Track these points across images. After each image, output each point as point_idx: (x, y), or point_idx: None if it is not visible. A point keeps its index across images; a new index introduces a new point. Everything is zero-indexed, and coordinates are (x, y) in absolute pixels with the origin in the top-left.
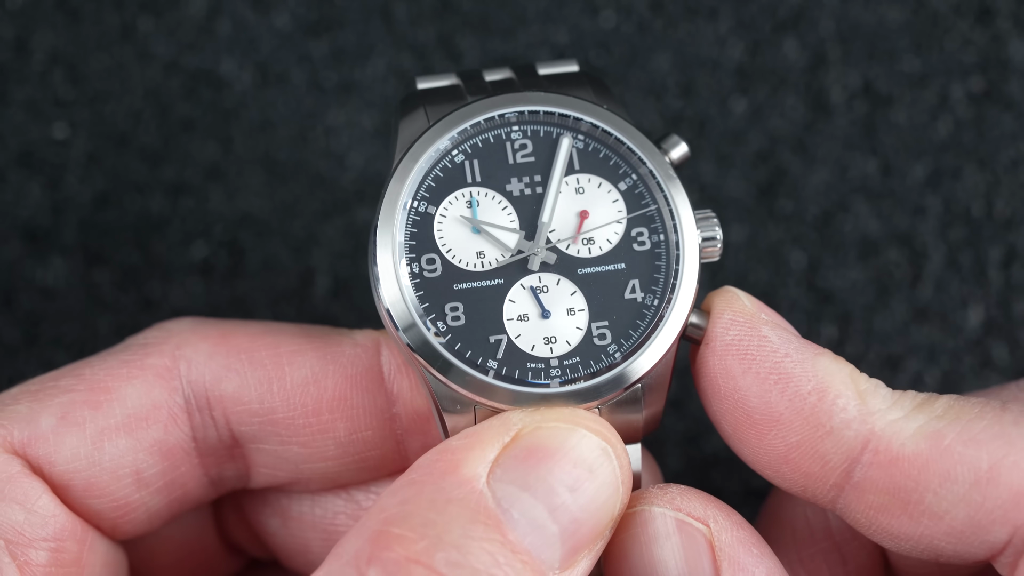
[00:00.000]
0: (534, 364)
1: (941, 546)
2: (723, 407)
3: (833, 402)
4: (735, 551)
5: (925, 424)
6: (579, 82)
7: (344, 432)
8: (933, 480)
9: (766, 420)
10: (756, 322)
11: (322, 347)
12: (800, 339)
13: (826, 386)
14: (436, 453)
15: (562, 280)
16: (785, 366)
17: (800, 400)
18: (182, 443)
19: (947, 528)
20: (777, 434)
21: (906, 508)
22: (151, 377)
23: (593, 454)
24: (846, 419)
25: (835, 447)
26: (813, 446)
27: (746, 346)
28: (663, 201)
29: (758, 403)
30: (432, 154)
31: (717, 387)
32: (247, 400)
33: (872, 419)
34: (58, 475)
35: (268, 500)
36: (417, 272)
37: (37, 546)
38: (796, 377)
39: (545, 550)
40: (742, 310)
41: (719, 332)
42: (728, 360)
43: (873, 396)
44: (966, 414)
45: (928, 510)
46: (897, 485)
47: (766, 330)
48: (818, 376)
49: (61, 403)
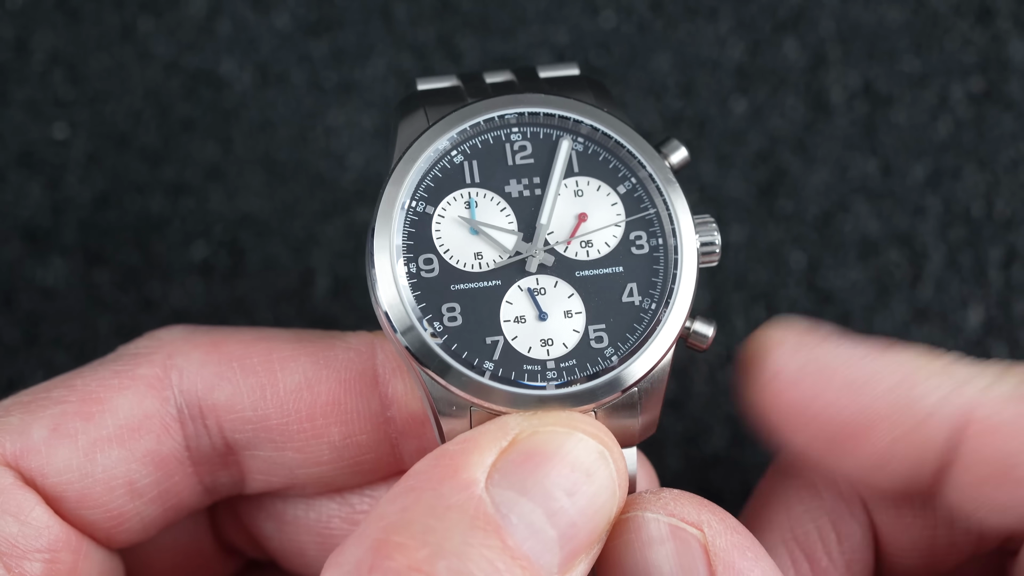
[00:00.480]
0: (531, 366)
1: None
2: (813, 431)
3: (924, 384)
4: (730, 555)
5: (1015, 387)
6: (579, 85)
7: (338, 437)
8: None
9: (864, 426)
10: (818, 339)
11: (315, 352)
12: (865, 340)
13: (912, 372)
14: (433, 459)
15: (560, 282)
16: (865, 368)
17: (891, 394)
18: (175, 452)
19: None
20: (879, 434)
21: (1009, 475)
22: (143, 387)
23: (590, 458)
24: (941, 397)
25: (937, 427)
26: (916, 434)
27: (820, 365)
28: (662, 205)
29: (853, 412)
30: (431, 154)
31: (803, 413)
32: (240, 408)
33: (965, 391)
34: (51, 487)
35: (263, 504)
36: (415, 272)
37: (32, 558)
38: (879, 374)
39: (544, 555)
40: (796, 335)
41: (785, 363)
42: (807, 384)
43: (957, 367)
44: None
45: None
46: (1000, 452)
47: (831, 343)
48: (901, 365)
49: (53, 414)
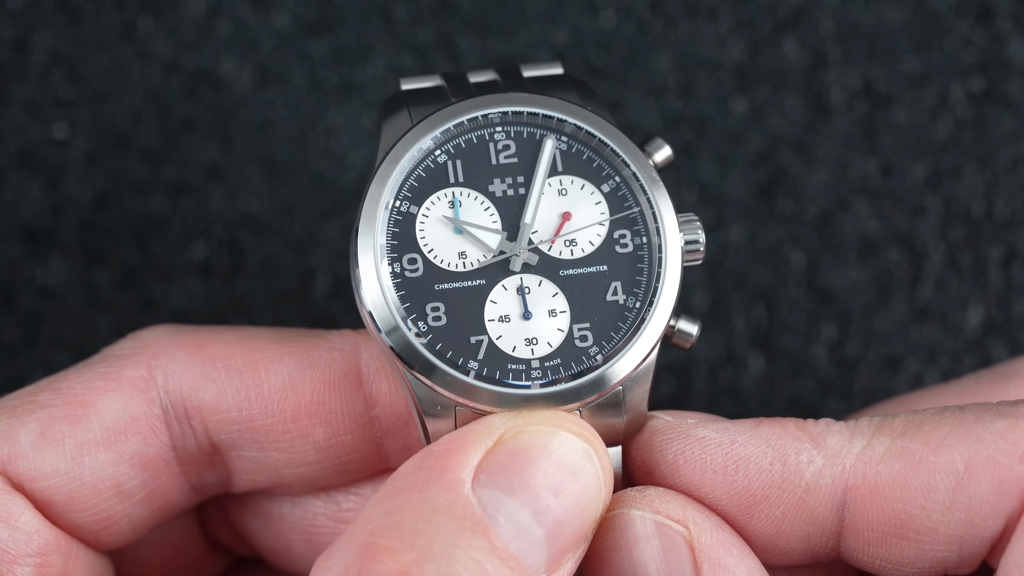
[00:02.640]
0: (515, 365)
1: (947, 557)
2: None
3: (796, 460)
4: (715, 552)
5: (891, 445)
6: (563, 84)
7: (323, 437)
8: (917, 496)
9: (745, 508)
10: (686, 429)
11: (299, 352)
12: (734, 421)
13: (783, 449)
14: (419, 460)
15: (544, 281)
16: (736, 451)
17: (766, 474)
18: (162, 453)
19: (945, 539)
20: (761, 515)
21: (902, 533)
22: (128, 389)
23: (575, 456)
24: (816, 470)
25: (818, 501)
26: (799, 509)
27: (692, 455)
28: (646, 204)
29: (730, 496)
30: (415, 154)
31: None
32: (225, 408)
33: (840, 458)
34: (39, 491)
35: (249, 503)
36: (399, 272)
37: (22, 562)
38: (752, 456)
39: (531, 554)
40: (667, 428)
41: (658, 458)
42: (682, 476)
43: (829, 436)
44: (926, 424)
45: (922, 527)
46: (886, 513)
47: (700, 431)
48: (770, 444)
49: (39, 419)
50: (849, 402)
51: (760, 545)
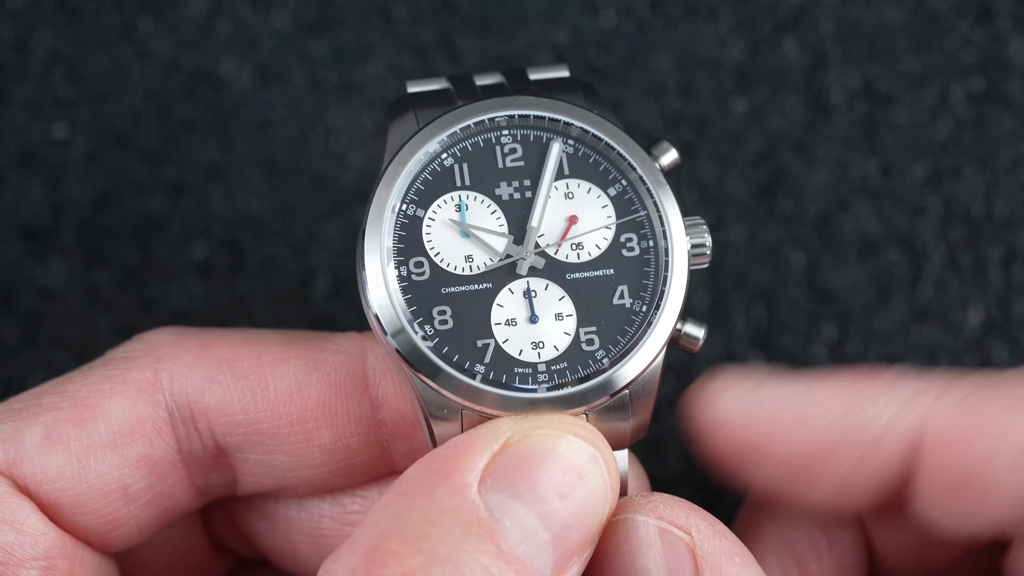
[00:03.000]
0: (521, 369)
1: (1006, 517)
2: (768, 472)
3: (868, 411)
4: (717, 560)
5: (964, 399)
6: (569, 87)
7: (329, 440)
8: (986, 452)
9: (817, 460)
10: (752, 387)
11: (305, 355)
12: (803, 374)
13: (857, 397)
14: (425, 464)
15: (550, 285)
16: (807, 404)
17: (839, 425)
18: (168, 456)
19: (1007, 498)
20: (833, 466)
21: (968, 485)
22: (134, 391)
23: (582, 460)
24: (890, 417)
25: (890, 450)
26: (870, 459)
27: (764, 408)
28: (652, 207)
29: (802, 452)
30: (421, 157)
31: (755, 458)
32: (231, 411)
33: (913, 407)
34: (45, 494)
35: (255, 505)
36: (405, 275)
37: (28, 565)
38: (823, 408)
39: (538, 558)
40: (730, 385)
41: (729, 412)
42: (754, 430)
43: (902, 386)
44: (1003, 384)
45: (988, 482)
46: (954, 464)
47: (770, 386)
48: (842, 395)
49: (45, 421)
50: None
51: (830, 495)
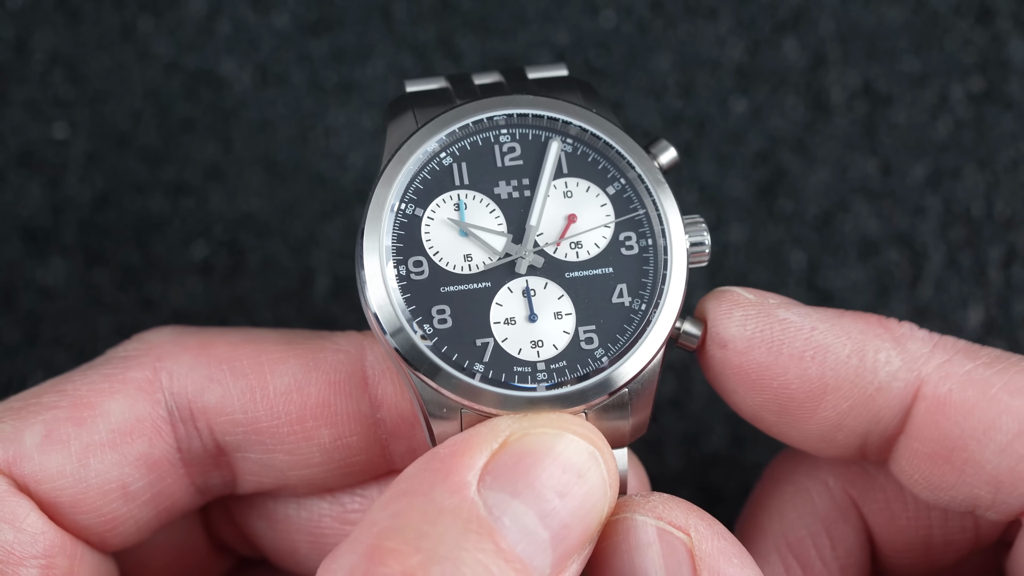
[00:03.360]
0: (521, 368)
1: (980, 495)
2: (763, 399)
3: (875, 357)
4: (715, 561)
5: (972, 370)
6: (568, 86)
7: (329, 439)
8: (978, 428)
9: (813, 396)
10: (768, 308)
11: (304, 354)
12: (816, 308)
13: (863, 343)
14: (424, 462)
15: (549, 284)
16: (816, 338)
17: (842, 365)
18: (167, 455)
19: (988, 477)
20: (828, 405)
21: (950, 456)
22: (133, 390)
23: (581, 458)
24: (891, 371)
25: (887, 401)
26: (865, 406)
27: (769, 334)
28: (651, 206)
29: (801, 383)
30: (420, 156)
31: (751, 382)
32: (230, 410)
33: (918, 364)
34: (45, 493)
35: (254, 504)
36: (404, 274)
37: (28, 564)
38: (830, 345)
39: (537, 557)
40: (747, 302)
41: (735, 331)
42: (757, 353)
43: (912, 341)
44: (1013, 365)
45: (971, 458)
46: (943, 433)
47: (782, 312)
48: (851, 337)
49: (45, 420)
50: None
51: (819, 435)
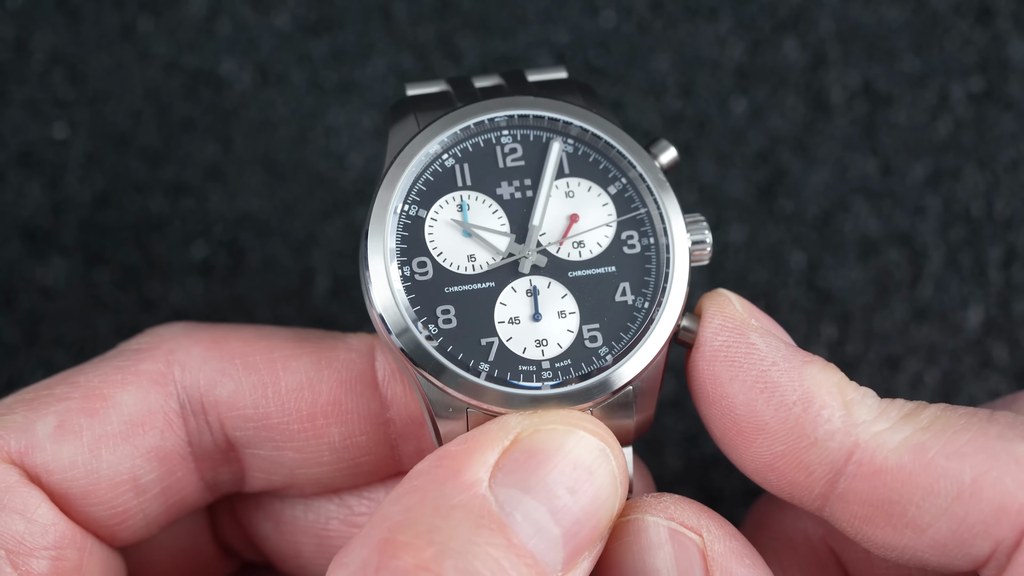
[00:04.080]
0: (525, 366)
1: (925, 558)
2: (712, 412)
3: (818, 413)
4: (727, 561)
5: (910, 436)
6: (568, 88)
7: (338, 437)
8: (916, 493)
9: (752, 428)
10: (745, 328)
11: (316, 352)
12: (790, 347)
13: (811, 396)
14: (436, 459)
15: (553, 283)
16: (771, 375)
17: (785, 410)
18: (178, 448)
19: (930, 541)
20: (763, 442)
21: (889, 520)
22: (146, 383)
23: (592, 455)
24: (830, 430)
25: (819, 458)
26: (797, 456)
27: (734, 353)
28: (653, 205)
29: (744, 411)
30: (422, 158)
31: (706, 392)
32: (242, 405)
33: (856, 430)
34: (56, 484)
35: (261, 504)
36: (408, 275)
37: (38, 555)
38: (782, 387)
39: (548, 552)
40: (732, 315)
41: (708, 337)
42: (716, 366)
43: (859, 406)
44: (952, 426)
45: (911, 522)
46: (880, 497)
47: (754, 337)
48: (804, 386)
49: (57, 411)
50: None
51: (753, 468)
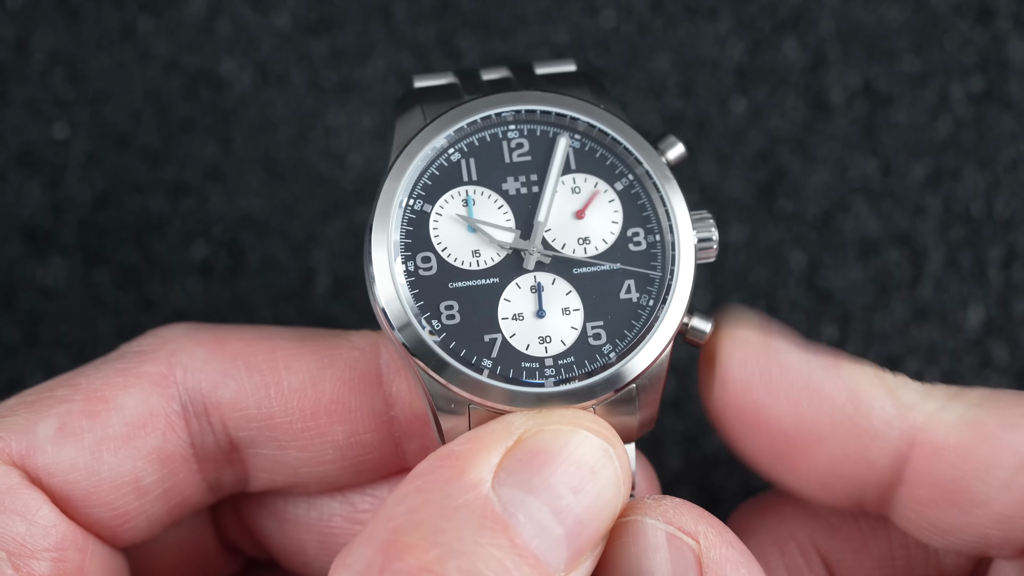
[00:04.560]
0: (529, 363)
1: (991, 534)
2: (760, 441)
3: (870, 405)
4: (722, 569)
5: (964, 413)
6: (576, 82)
7: (342, 436)
8: (979, 467)
9: (808, 441)
10: (769, 350)
11: (319, 351)
12: (817, 352)
13: (858, 392)
14: (439, 459)
15: (557, 279)
16: (813, 383)
17: (837, 412)
18: (180, 450)
19: (996, 515)
20: (822, 450)
21: (955, 498)
22: (147, 385)
23: (595, 455)
24: (886, 419)
25: (882, 449)
26: (860, 453)
27: (768, 376)
28: (659, 201)
29: (796, 427)
30: (428, 152)
31: (749, 423)
32: (244, 405)
33: (911, 414)
34: (57, 485)
35: (264, 503)
36: (412, 270)
37: (39, 557)
38: (827, 391)
39: (551, 553)
40: (752, 343)
41: (735, 372)
42: (754, 395)
43: (905, 391)
44: (1003, 402)
45: (976, 499)
46: (944, 476)
47: (783, 355)
48: (847, 384)
49: (58, 413)
50: None
51: (814, 480)
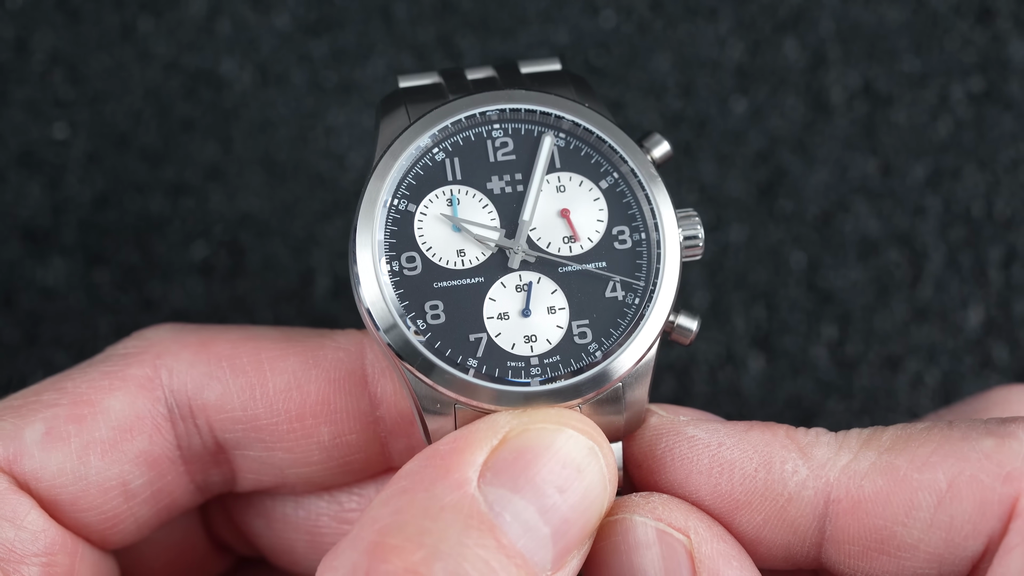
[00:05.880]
0: (514, 363)
1: (927, 575)
2: None
3: (781, 469)
4: (715, 563)
5: (876, 460)
6: (561, 80)
7: (328, 436)
8: (898, 513)
9: (728, 511)
10: (677, 426)
11: (304, 351)
12: (726, 423)
13: (769, 457)
14: (424, 459)
15: (543, 278)
16: (722, 454)
17: (751, 480)
18: (167, 452)
19: (926, 556)
20: (742, 519)
21: (883, 548)
22: (133, 388)
23: (581, 454)
24: (800, 480)
25: (800, 511)
26: (780, 518)
27: (678, 453)
28: (644, 200)
29: (713, 498)
30: (412, 152)
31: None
32: (230, 407)
33: (824, 471)
34: (45, 490)
35: (252, 502)
36: (397, 270)
37: (28, 562)
38: (737, 460)
39: (538, 552)
40: (658, 424)
41: (647, 452)
42: (668, 474)
43: (817, 447)
44: (914, 440)
45: (903, 544)
46: (867, 528)
47: (690, 430)
48: (757, 450)
49: (45, 418)
50: (849, 402)
51: (745, 546)
